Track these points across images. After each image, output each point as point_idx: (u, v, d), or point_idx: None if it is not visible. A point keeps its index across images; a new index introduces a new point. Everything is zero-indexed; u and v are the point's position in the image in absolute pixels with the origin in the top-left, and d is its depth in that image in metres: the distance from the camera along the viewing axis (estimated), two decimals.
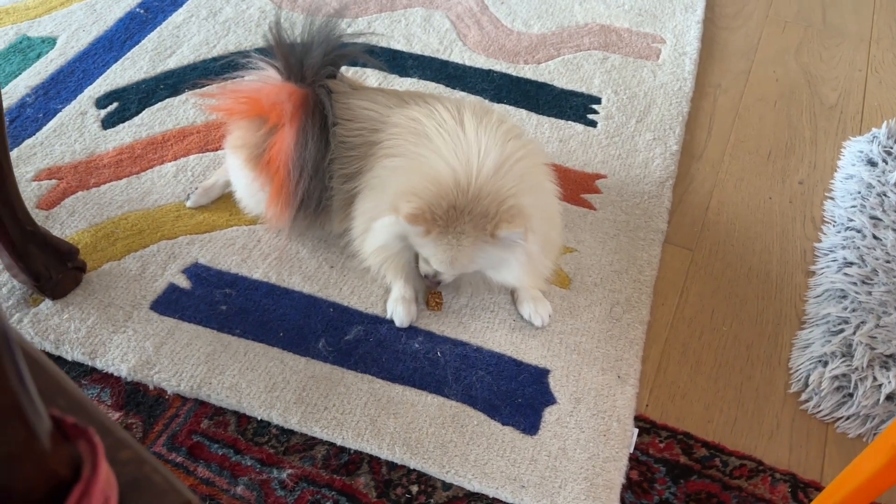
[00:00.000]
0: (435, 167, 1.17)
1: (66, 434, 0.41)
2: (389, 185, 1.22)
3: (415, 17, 1.98)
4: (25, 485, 0.37)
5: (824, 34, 2.06)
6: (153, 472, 0.44)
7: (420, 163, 1.20)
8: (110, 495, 0.41)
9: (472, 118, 1.23)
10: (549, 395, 1.24)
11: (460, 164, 1.16)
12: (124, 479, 0.43)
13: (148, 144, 1.60)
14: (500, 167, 1.17)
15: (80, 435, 0.41)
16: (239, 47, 1.85)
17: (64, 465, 0.40)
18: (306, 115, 1.27)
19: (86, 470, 0.40)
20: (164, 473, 0.44)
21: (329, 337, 1.30)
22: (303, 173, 1.28)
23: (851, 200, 1.55)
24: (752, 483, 1.16)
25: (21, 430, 0.36)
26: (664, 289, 1.42)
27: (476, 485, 1.13)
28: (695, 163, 1.68)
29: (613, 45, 1.93)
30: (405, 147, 1.24)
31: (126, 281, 1.36)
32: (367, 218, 1.27)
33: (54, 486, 0.39)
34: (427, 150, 1.20)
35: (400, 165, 1.23)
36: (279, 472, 1.14)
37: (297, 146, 1.26)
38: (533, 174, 1.24)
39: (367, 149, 1.28)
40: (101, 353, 1.25)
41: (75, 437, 0.41)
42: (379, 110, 1.29)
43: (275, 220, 1.33)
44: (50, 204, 1.47)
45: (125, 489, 0.43)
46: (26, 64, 1.77)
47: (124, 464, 0.44)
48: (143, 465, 0.44)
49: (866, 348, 1.27)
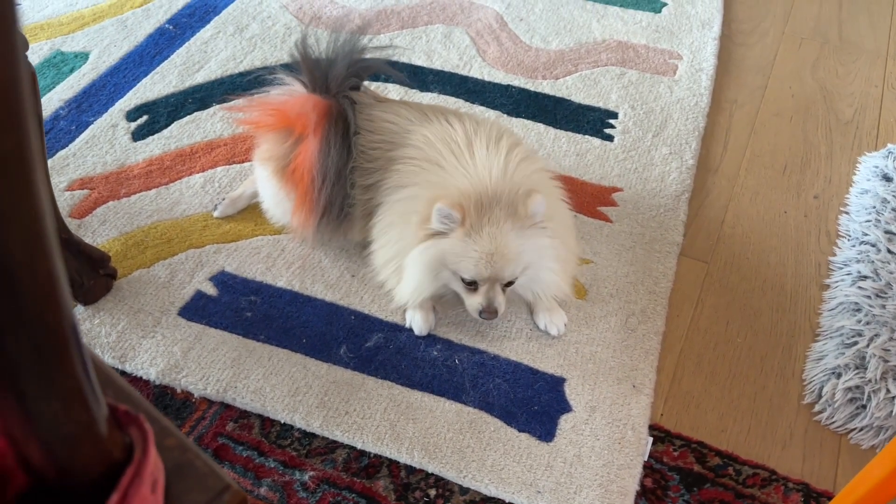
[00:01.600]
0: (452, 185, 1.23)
1: (119, 420, 0.45)
2: (408, 211, 1.26)
3: (435, 33, 2.03)
4: (84, 465, 0.41)
5: (840, 50, 2.08)
6: (196, 458, 0.48)
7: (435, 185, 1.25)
8: (158, 477, 0.45)
9: (483, 141, 1.27)
10: (564, 403, 1.26)
11: (473, 179, 1.22)
12: (170, 464, 0.47)
13: (177, 156, 1.65)
14: (507, 171, 1.23)
15: (131, 421, 0.45)
16: (265, 63, 1.90)
17: (118, 448, 0.43)
18: (330, 124, 1.31)
19: (137, 453, 0.43)
20: (206, 460, 0.48)
21: (350, 344, 1.33)
22: (325, 180, 1.32)
23: (866, 215, 1.56)
24: (765, 492, 1.17)
25: (83, 413, 0.39)
26: (679, 300, 1.44)
27: (493, 489, 1.16)
28: (711, 177, 1.71)
29: (631, 61, 1.97)
30: (417, 176, 1.28)
31: (155, 288, 1.40)
32: (393, 251, 1.30)
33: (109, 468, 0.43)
34: (438, 177, 1.25)
35: (415, 195, 1.27)
36: (301, 475, 1.18)
37: (321, 154, 1.31)
38: (541, 177, 1.31)
39: (386, 163, 1.33)
40: (130, 358, 1.29)
41: (127, 424, 0.45)
42: (399, 123, 1.34)
43: (300, 228, 1.38)
44: (82, 213, 1.52)
45: (171, 473, 0.47)
46: (60, 78, 1.83)
47: (170, 450, 0.47)
48: (186, 452, 0.48)
49: (880, 360, 1.29)
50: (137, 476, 0.43)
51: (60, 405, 0.37)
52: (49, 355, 0.35)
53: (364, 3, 2.13)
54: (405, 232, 1.27)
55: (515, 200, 1.20)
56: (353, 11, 2.09)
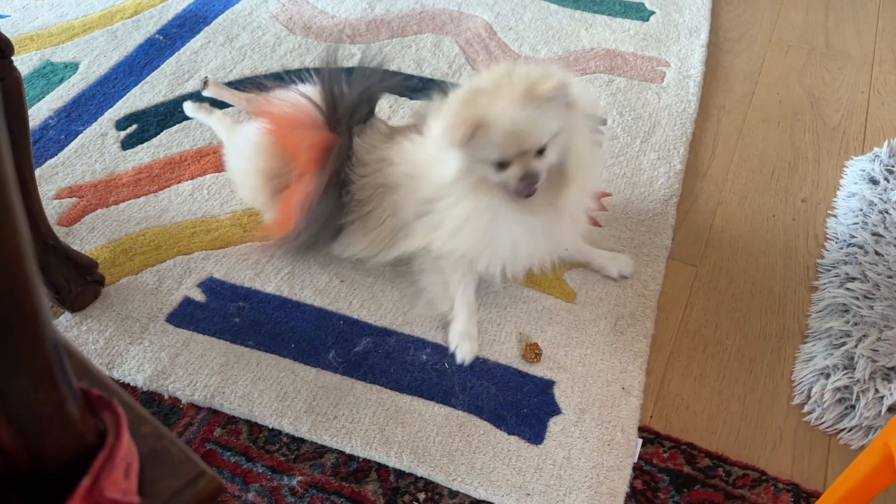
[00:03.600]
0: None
1: (92, 405, 0.45)
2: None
3: (425, 42, 2.04)
4: (55, 447, 0.41)
5: (827, 57, 2.10)
6: (171, 444, 0.47)
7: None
8: (132, 462, 0.44)
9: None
10: (554, 406, 1.26)
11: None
12: (145, 451, 0.47)
13: (166, 164, 1.65)
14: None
15: (104, 406, 0.45)
16: (255, 72, 1.91)
17: (91, 432, 0.43)
18: (327, 168, 1.31)
19: (110, 437, 0.43)
20: (181, 447, 0.48)
21: (339, 348, 1.33)
22: (312, 222, 1.34)
23: (854, 217, 1.57)
24: (755, 493, 1.17)
25: (53, 392, 0.39)
26: (668, 303, 1.45)
27: (482, 492, 1.15)
28: (699, 181, 1.71)
29: (619, 69, 1.98)
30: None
31: (143, 294, 1.40)
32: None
33: (82, 451, 0.42)
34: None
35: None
36: (290, 480, 1.17)
37: (310, 198, 1.32)
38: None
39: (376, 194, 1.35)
40: (118, 364, 1.29)
41: (101, 408, 0.45)
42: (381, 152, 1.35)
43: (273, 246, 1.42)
44: (71, 221, 1.52)
45: (146, 459, 0.46)
46: (49, 88, 1.83)
47: (145, 437, 0.47)
48: (161, 439, 0.48)
49: (868, 361, 1.29)
50: (110, 460, 0.42)
51: (29, 382, 0.36)
52: (17, 329, 0.34)
53: (354, 13, 2.14)
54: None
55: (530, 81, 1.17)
56: (344, 22, 2.11)
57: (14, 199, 0.30)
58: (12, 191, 0.30)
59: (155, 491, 0.45)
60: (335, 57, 1.41)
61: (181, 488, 0.45)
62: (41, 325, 0.37)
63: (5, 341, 0.35)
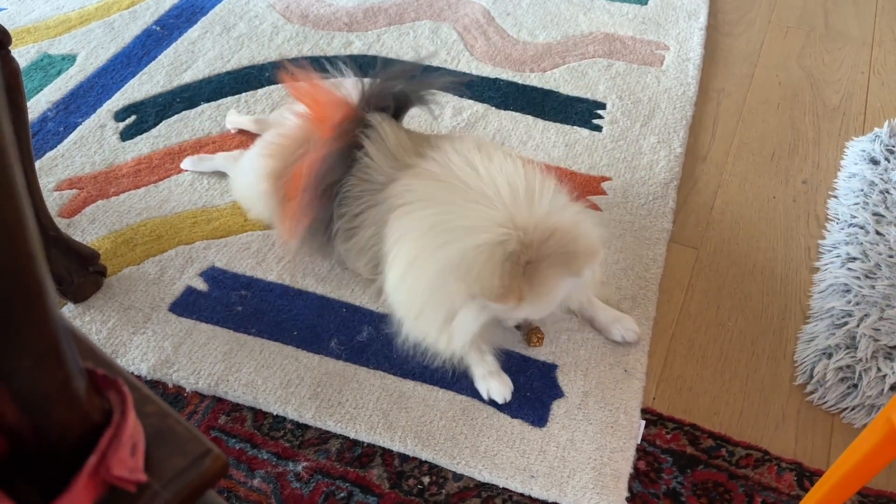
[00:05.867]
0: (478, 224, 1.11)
1: (97, 385, 0.45)
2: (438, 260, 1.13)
3: (423, 29, 2.03)
4: (61, 425, 0.41)
5: (827, 38, 2.09)
6: (176, 423, 0.48)
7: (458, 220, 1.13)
8: (138, 441, 0.45)
9: (477, 153, 1.20)
10: (557, 389, 1.26)
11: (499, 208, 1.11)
12: (150, 430, 0.47)
13: (165, 155, 1.65)
14: (534, 195, 1.12)
15: (110, 385, 0.45)
16: (252, 61, 1.90)
17: (96, 411, 0.43)
18: (342, 134, 1.27)
19: (116, 416, 0.43)
20: (187, 425, 0.48)
21: (342, 335, 1.33)
22: (316, 188, 1.28)
23: (854, 198, 1.57)
24: (758, 472, 1.17)
25: (58, 371, 0.39)
26: (670, 286, 1.45)
27: (486, 475, 1.15)
28: (699, 164, 1.71)
29: (618, 53, 1.97)
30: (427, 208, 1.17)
31: (145, 284, 1.40)
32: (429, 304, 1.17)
33: (88, 430, 0.42)
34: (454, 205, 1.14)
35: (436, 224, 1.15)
36: (294, 465, 1.17)
37: (323, 161, 1.27)
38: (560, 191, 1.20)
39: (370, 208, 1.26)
40: (121, 354, 1.29)
41: (106, 388, 0.45)
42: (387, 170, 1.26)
43: (287, 236, 1.38)
44: (71, 212, 1.52)
45: (151, 439, 0.47)
46: (47, 80, 1.83)
47: (150, 416, 0.47)
48: (167, 418, 0.48)
49: (870, 340, 1.29)
50: (116, 438, 0.42)
51: (34, 360, 0.37)
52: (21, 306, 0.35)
53: (351, 1, 2.13)
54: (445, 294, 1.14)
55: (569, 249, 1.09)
56: (341, 10, 2.10)
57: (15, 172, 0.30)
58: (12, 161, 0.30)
59: (161, 469, 0.45)
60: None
61: (187, 466, 0.46)
62: (46, 302, 0.37)
63: (10, 319, 0.35)
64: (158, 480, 0.44)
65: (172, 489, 0.44)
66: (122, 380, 0.45)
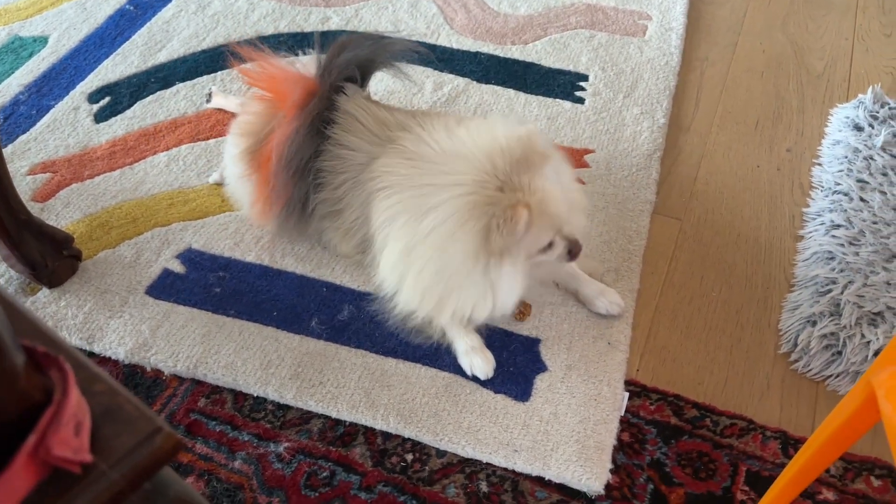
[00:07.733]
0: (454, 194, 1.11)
1: (39, 362, 0.43)
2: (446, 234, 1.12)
3: (402, 3, 2.00)
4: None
5: (811, 5, 2.06)
6: (126, 402, 0.46)
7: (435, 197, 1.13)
8: (82, 419, 0.43)
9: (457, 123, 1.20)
10: (540, 364, 1.25)
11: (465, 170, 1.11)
12: (98, 409, 0.45)
13: (140, 136, 1.62)
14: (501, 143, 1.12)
15: (51, 363, 0.43)
16: (228, 39, 1.87)
17: (37, 390, 0.41)
18: (307, 107, 1.25)
19: (57, 394, 0.42)
20: (137, 403, 0.46)
21: (322, 315, 1.31)
22: (287, 167, 1.25)
23: (839, 165, 1.56)
24: (742, 441, 1.17)
25: None
26: (653, 258, 1.43)
27: (469, 451, 1.14)
28: (683, 135, 1.69)
29: (600, 24, 1.95)
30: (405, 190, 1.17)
31: (121, 268, 1.38)
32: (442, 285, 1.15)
33: (28, 409, 0.41)
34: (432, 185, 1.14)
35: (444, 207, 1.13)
36: (276, 446, 1.16)
37: (289, 138, 1.26)
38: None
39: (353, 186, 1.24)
40: (98, 338, 1.27)
41: (47, 366, 0.43)
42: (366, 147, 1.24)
43: (259, 218, 1.35)
44: (45, 196, 1.49)
45: (99, 417, 0.45)
46: (19, 63, 1.79)
47: (98, 395, 0.46)
48: (116, 396, 0.46)
49: (854, 307, 1.28)
50: (57, 416, 0.41)
51: None
52: None
53: None
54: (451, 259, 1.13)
55: (527, 154, 1.10)
56: None
57: None
58: None
59: (110, 448, 0.44)
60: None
61: (137, 445, 0.44)
62: None
63: None
64: (106, 460, 0.43)
65: (121, 469, 0.43)
66: (64, 357, 0.43)
